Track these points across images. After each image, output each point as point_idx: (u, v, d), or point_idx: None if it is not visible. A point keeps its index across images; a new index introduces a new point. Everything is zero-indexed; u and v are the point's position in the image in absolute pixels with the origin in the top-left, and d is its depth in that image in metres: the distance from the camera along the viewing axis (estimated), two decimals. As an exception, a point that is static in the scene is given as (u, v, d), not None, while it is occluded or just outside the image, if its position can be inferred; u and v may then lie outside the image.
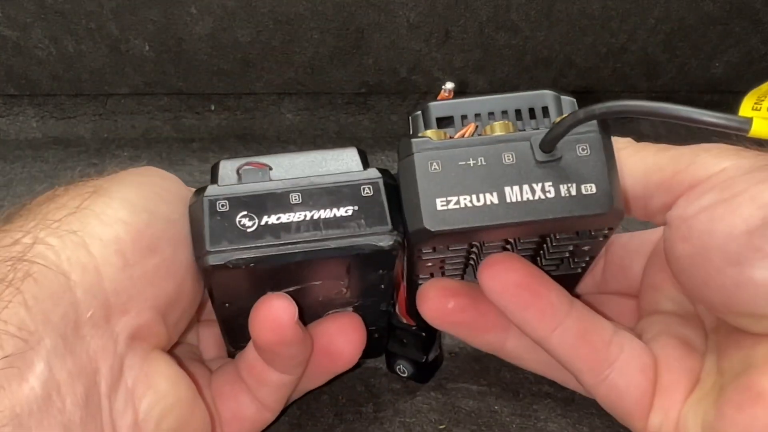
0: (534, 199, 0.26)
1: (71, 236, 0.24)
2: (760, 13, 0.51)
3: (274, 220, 0.27)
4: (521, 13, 0.50)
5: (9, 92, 0.54)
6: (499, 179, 0.26)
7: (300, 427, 0.35)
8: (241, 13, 0.50)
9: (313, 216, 0.27)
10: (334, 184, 0.27)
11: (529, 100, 0.29)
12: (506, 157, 0.27)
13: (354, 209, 0.27)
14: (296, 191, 0.27)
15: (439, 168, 0.27)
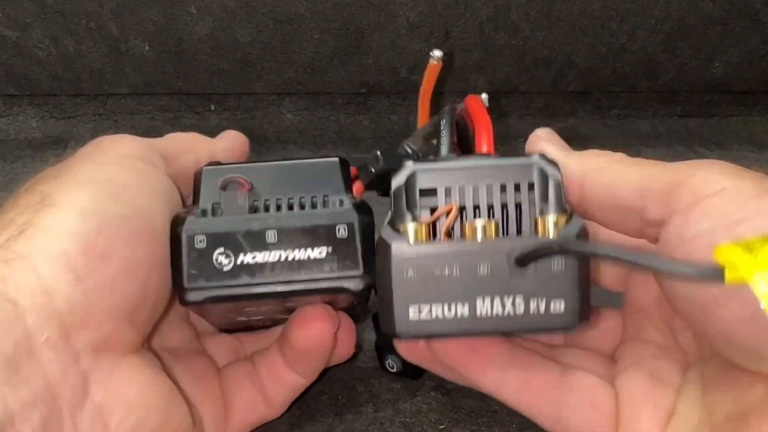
0: (503, 314, 0.27)
1: (18, 260, 0.24)
2: (760, 13, 0.51)
3: (250, 259, 0.27)
4: (521, 13, 0.50)
5: (9, 92, 0.54)
6: (471, 290, 0.27)
7: (300, 427, 0.35)
8: (241, 13, 0.50)
9: (288, 257, 0.28)
10: (310, 225, 0.28)
11: (516, 173, 0.28)
12: (481, 268, 0.27)
13: (328, 251, 0.28)
14: (273, 230, 0.27)
15: (414, 276, 0.27)
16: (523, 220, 0.28)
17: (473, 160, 0.29)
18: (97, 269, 0.25)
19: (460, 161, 0.28)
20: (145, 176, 0.28)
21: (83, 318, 0.24)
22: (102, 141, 0.29)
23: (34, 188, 0.26)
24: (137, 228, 0.26)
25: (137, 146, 0.29)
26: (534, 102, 0.55)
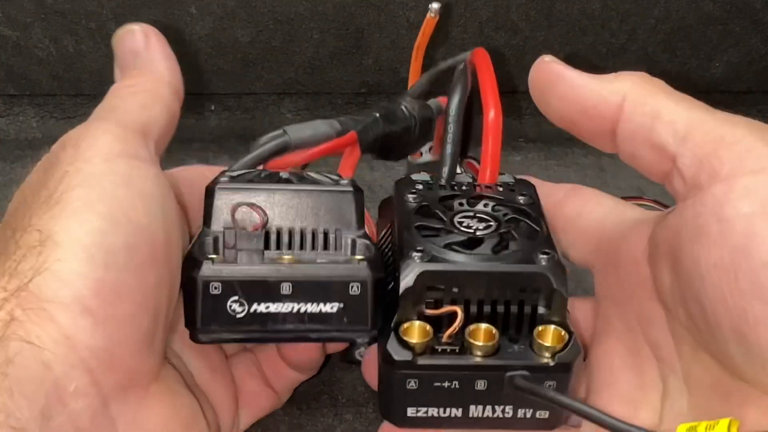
0: (493, 417, 0.29)
1: (36, 311, 0.23)
2: (760, 13, 0.51)
3: (263, 309, 0.28)
4: (521, 13, 0.50)
5: (9, 92, 0.54)
6: (467, 399, 0.29)
7: (300, 427, 0.35)
8: (241, 13, 0.50)
9: (300, 309, 0.28)
10: (325, 280, 0.28)
11: (524, 280, 0.29)
12: (479, 384, 0.29)
13: (339, 306, 0.28)
14: (288, 281, 0.28)
15: (415, 386, 0.29)
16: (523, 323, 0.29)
17: (482, 261, 0.29)
18: (113, 308, 0.24)
19: (469, 262, 0.29)
20: (136, 182, 0.26)
21: (108, 360, 0.24)
22: (77, 142, 0.27)
23: (27, 223, 0.24)
24: (142, 253, 0.25)
25: (117, 141, 0.27)
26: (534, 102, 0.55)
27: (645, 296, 0.29)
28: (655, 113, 0.27)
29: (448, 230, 0.31)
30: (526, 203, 0.33)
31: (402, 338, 0.28)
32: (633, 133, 0.27)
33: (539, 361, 0.28)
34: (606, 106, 0.28)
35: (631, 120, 0.27)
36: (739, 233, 0.24)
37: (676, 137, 0.26)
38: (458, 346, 0.29)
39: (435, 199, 0.33)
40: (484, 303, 0.29)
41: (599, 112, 0.28)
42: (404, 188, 0.34)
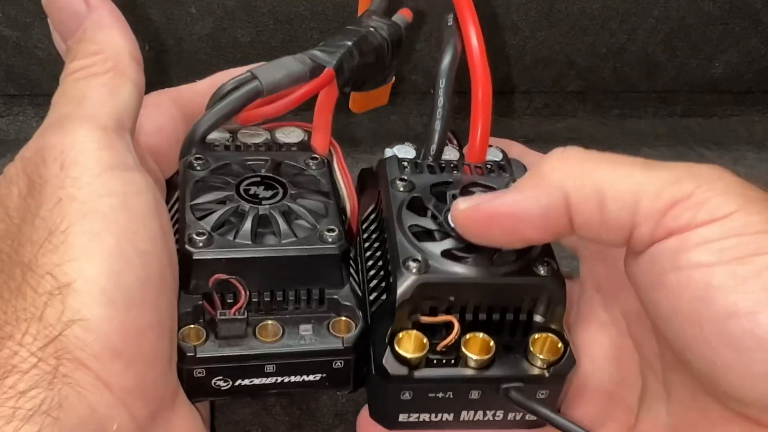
0: (484, 420, 0.30)
1: (72, 362, 0.23)
2: (760, 13, 0.51)
3: (248, 383, 0.28)
4: (521, 13, 0.50)
5: (9, 92, 0.54)
6: (459, 406, 0.29)
7: (300, 427, 0.35)
8: (241, 13, 0.50)
9: (284, 380, 0.29)
10: (308, 359, 0.28)
11: (523, 292, 0.29)
12: (473, 393, 0.29)
13: (323, 376, 0.29)
14: (272, 363, 0.28)
15: (410, 396, 0.29)
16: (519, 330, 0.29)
17: (482, 272, 0.28)
18: (139, 346, 0.24)
19: (469, 273, 0.28)
20: (132, 202, 0.25)
21: (141, 395, 0.24)
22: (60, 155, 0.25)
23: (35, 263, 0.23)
24: (154, 284, 0.25)
25: (102, 150, 0.25)
26: (534, 102, 0.55)
27: (632, 293, 0.28)
28: (599, 195, 0.25)
29: (444, 232, 0.30)
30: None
31: (397, 351, 0.28)
32: (588, 223, 0.26)
33: (534, 372, 0.28)
34: (553, 211, 0.26)
35: (581, 213, 0.26)
36: (698, 283, 0.23)
37: (628, 210, 0.25)
38: (453, 356, 0.28)
39: (426, 187, 0.32)
40: (481, 311, 0.29)
41: (551, 220, 0.26)
42: (391, 171, 0.33)
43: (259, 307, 0.28)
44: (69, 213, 0.24)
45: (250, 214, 0.29)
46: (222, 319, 0.27)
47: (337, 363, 0.28)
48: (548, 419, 0.28)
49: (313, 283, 0.29)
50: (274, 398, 0.36)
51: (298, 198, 0.30)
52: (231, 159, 0.32)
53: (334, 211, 0.30)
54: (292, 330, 0.28)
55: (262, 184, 0.31)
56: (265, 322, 0.28)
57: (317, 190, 0.31)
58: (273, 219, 0.29)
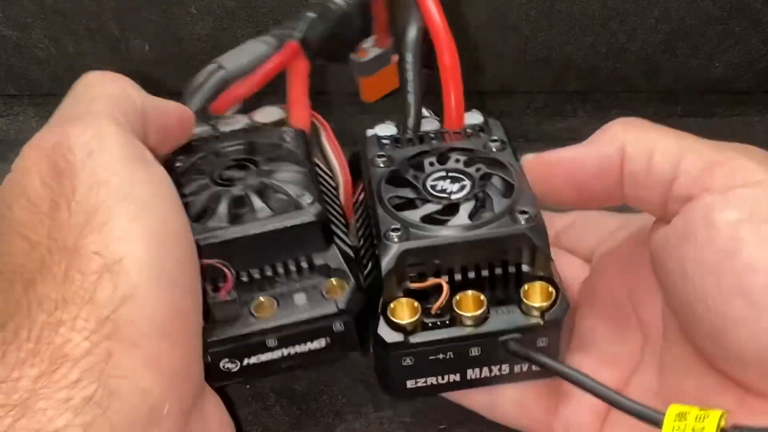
0: (491, 375, 0.30)
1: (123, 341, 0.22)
2: (760, 13, 0.51)
3: (255, 361, 0.28)
4: (521, 13, 0.50)
5: (9, 92, 0.54)
6: (463, 365, 0.29)
7: (300, 427, 0.35)
8: (241, 13, 0.50)
9: (290, 352, 0.29)
10: (306, 327, 0.29)
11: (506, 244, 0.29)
12: (473, 351, 0.29)
13: (327, 341, 0.29)
14: (272, 336, 0.28)
15: (411, 362, 0.29)
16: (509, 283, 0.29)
17: (461, 230, 0.29)
18: (183, 327, 0.24)
19: (449, 233, 0.28)
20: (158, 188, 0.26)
21: (186, 377, 0.24)
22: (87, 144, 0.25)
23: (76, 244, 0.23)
24: (188, 265, 0.26)
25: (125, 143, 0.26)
26: (534, 102, 0.55)
27: (644, 275, 0.30)
28: (650, 149, 0.28)
29: (423, 199, 0.30)
30: (498, 149, 0.32)
31: (391, 320, 0.28)
32: (635, 176, 0.28)
33: (529, 321, 0.28)
34: (609, 160, 0.29)
35: (632, 162, 0.28)
36: (725, 237, 0.25)
37: (671, 164, 0.27)
38: (448, 317, 0.29)
39: (404, 160, 0.32)
40: (468, 270, 0.29)
41: (605, 169, 0.29)
42: (371, 149, 0.33)
43: (251, 285, 0.29)
44: (105, 197, 0.24)
45: (224, 197, 0.29)
46: (214, 303, 0.27)
47: (337, 325, 0.29)
48: (547, 366, 0.28)
49: (297, 252, 0.29)
50: (274, 398, 0.36)
51: (272, 173, 0.31)
52: (208, 150, 0.32)
53: (308, 180, 0.31)
54: (287, 301, 0.29)
55: (236, 167, 0.31)
56: (258, 298, 0.29)
57: (292, 161, 0.32)
58: (247, 198, 0.30)
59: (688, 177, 0.27)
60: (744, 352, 0.25)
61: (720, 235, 0.25)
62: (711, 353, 0.26)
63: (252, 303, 0.29)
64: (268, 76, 0.32)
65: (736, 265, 0.25)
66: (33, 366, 0.21)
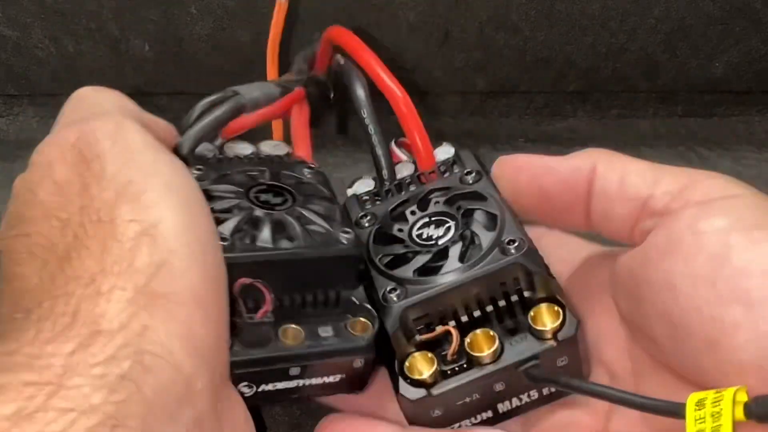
0: (522, 403, 0.30)
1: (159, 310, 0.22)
2: (760, 13, 0.51)
3: (270, 388, 0.28)
4: (521, 13, 0.50)
5: (9, 92, 0.54)
6: (492, 401, 0.29)
7: (300, 427, 0.35)
8: (241, 13, 0.50)
9: (305, 383, 0.29)
10: (333, 359, 0.29)
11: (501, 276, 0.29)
12: (497, 386, 0.29)
13: (342, 377, 0.29)
14: (298, 365, 0.28)
15: (441, 412, 0.29)
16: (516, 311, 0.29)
17: (456, 274, 0.29)
18: (216, 297, 0.24)
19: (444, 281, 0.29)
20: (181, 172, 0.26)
21: (218, 352, 0.24)
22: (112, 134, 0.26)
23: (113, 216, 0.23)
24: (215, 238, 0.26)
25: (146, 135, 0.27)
26: (534, 102, 0.55)
27: (605, 315, 0.31)
28: (623, 169, 0.29)
29: (412, 251, 0.31)
30: (474, 180, 0.33)
31: (410, 377, 0.29)
32: (606, 190, 0.29)
33: (543, 346, 0.28)
34: (579, 171, 0.29)
35: (603, 177, 0.29)
36: (715, 243, 0.25)
37: (647, 183, 0.28)
38: (464, 360, 0.29)
39: (386, 214, 0.33)
40: (473, 309, 0.29)
41: (574, 178, 0.29)
42: (353, 210, 0.34)
43: (280, 312, 0.28)
44: (135, 173, 0.25)
45: (266, 219, 0.29)
46: (251, 323, 0.27)
47: (357, 362, 0.29)
48: (569, 387, 0.28)
49: (329, 284, 0.29)
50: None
51: (307, 204, 0.31)
52: (229, 169, 0.32)
53: (343, 215, 0.31)
54: (312, 332, 0.29)
55: (270, 191, 0.31)
56: (286, 326, 0.28)
57: (321, 196, 0.32)
58: (289, 224, 0.29)
59: (665, 193, 0.27)
60: (743, 359, 0.24)
61: (710, 243, 0.25)
62: (704, 368, 0.26)
63: (279, 329, 0.28)
64: (279, 111, 0.35)
65: (729, 270, 0.24)
66: (68, 341, 0.21)
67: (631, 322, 0.30)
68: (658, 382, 0.28)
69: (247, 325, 0.27)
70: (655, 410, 0.25)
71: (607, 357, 0.31)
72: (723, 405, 0.23)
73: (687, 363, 0.26)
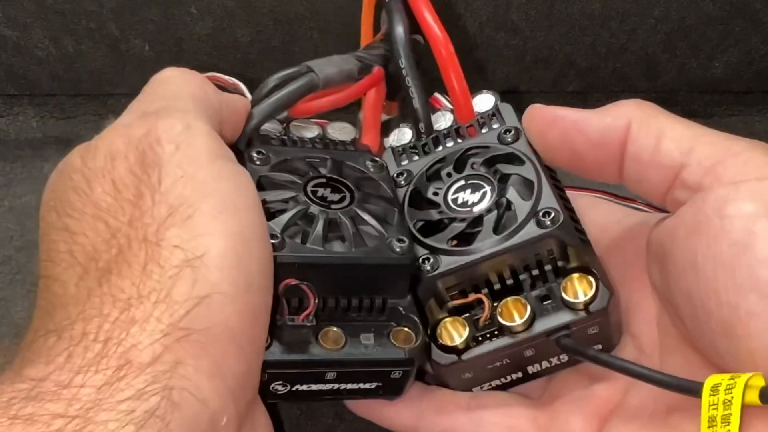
0: (552, 366, 0.30)
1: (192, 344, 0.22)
2: (760, 13, 0.51)
3: (304, 388, 0.28)
4: (521, 13, 0.50)
5: (9, 92, 0.54)
6: (522, 365, 0.30)
7: (300, 427, 0.35)
8: (241, 13, 0.50)
9: (340, 387, 0.28)
10: (370, 369, 0.28)
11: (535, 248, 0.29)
12: (527, 352, 0.29)
13: (378, 385, 0.29)
14: (334, 370, 0.28)
15: (471, 375, 0.29)
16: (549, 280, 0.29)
17: (490, 245, 0.29)
18: (252, 331, 0.24)
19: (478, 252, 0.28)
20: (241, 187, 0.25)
21: (245, 383, 0.24)
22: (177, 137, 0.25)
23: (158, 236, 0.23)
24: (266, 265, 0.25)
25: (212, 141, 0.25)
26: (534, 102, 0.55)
27: (636, 286, 0.30)
28: (659, 132, 0.27)
29: (447, 217, 0.30)
30: (513, 140, 0.31)
31: (441, 343, 0.29)
32: (639, 154, 0.27)
33: (575, 317, 0.28)
34: (612, 131, 0.28)
35: (637, 140, 0.28)
36: (740, 229, 0.24)
37: (682, 150, 0.27)
38: (496, 327, 0.29)
39: (422, 175, 0.32)
40: (505, 278, 0.29)
41: (606, 139, 0.28)
42: (390, 167, 0.33)
43: (323, 314, 0.28)
44: (190, 191, 0.24)
45: (321, 218, 0.28)
46: (291, 325, 0.26)
47: (395, 373, 0.28)
48: (599, 361, 0.28)
49: (378, 291, 0.29)
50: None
51: (364, 203, 0.30)
52: (291, 155, 0.31)
53: (399, 220, 0.30)
54: (353, 338, 0.28)
55: (329, 186, 0.30)
56: (327, 328, 0.28)
57: (380, 195, 0.31)
58: (342, 224, 0.29)
59: (699, 166, 0.26)
60: (755, 348, 0.24)
61: (734, 228, 0.25)
62: (719, 350, 0.26)
63: (320, 331, 0.28)
64: (357, 96, 0.33)
65: (750, 258, 0.24)
66: (98, 372, 0.21)
67: (661, 294, 0.29)
68: (682, 358, 0.28)
69: (287, 326, 0.26)
70: (675, 388, 0.25)
71: (635, 328, 0.30)
72: (734, 393, 0.23)
73: (706, 344, 0.26)
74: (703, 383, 0.24)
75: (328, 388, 0.28)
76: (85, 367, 0.21)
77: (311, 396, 0.28)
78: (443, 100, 0.35)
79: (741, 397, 0.23)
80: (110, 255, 0.23)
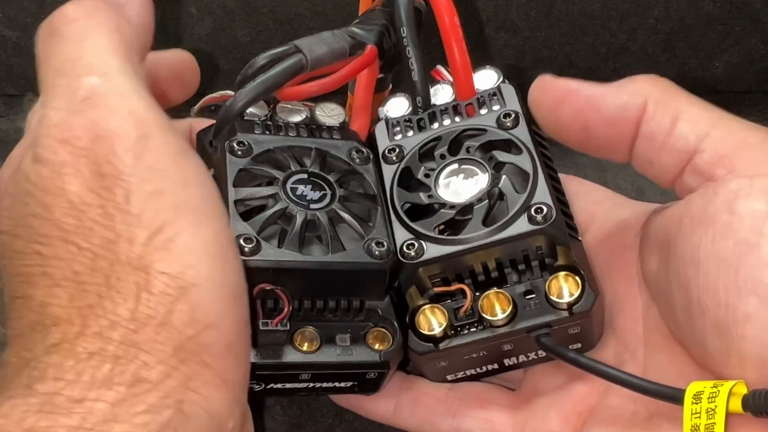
0: (528, 359, 0.30)
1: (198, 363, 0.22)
2: (760, 13, 0.51)
3: (279, 386, 0.28)
4: (521, 13, 0.50)
5: (9, 92, 0.54)
6: (499, 357, 0.29)
7: (300, 427, 0.35)
8: (241, 13, 0.50)
9: (316, 386, 0.28)
10: (345, 371, 0.28)
11: (524, 243, 0.28)
12: (506, 346, 0.29)
13: (354, 384, 0.29)
14: (307, 372, 0.28)
15: (447, 363, 0.29)
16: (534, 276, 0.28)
17: (478, 236, 0.28)
18: (245, 338, 0.24)
19: (465, 243, 0.28)
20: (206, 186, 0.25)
21: (244, 387, 0.24)
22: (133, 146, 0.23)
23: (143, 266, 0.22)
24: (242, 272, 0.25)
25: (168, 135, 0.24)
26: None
27: (624, 280, 0.29)
28: (676, 113, 0.26)
29: (437, 203, 0.29)
30: (512, 125, 0.30)
31: (419, 331, 0.28)
32: (653, 134, 0.26)
33: (557, 315, 0.28)
34: (628, 109, 0.27)
35: (653, 120, 0.26)
36: (748, 228, 0.24)
37: (697, 134, 0.26)
38: (476, 318, 0.28)
39: (414, 153, 0.31)
40: (491, 270, 0.28)
41: (621, 117, 0.27)
42: (383, 139, 0.32)
43: (298, 315, 0.28)
44: (161, 208, 0.23)
45: (299, 219, 0.28)
46: (264, 330, 0.26)
47: (371, 374, 0.28)
48: (576, 364, 0.27)
49: (355, 294, 0.28)
50: (274, 398, 0.36)
51: (346, 202, 0.29)
52: (273, 144, 0.30)
53: (381, 220, 0.29)
54: (330, 338, 0.28)
55: (309, 183, 0.29)
56: (303, 328, 0.28)
57: (363, 193, 0.30)
58: (321, 226, 0.28)
59: (713, 154, 0.25)
60: (747, 352, 0.24)
61: (742, 225, 0.24)
62: (709, 349, 0.25)
63: (295, 332, 0.28)
64: (348, 79, 0.31)
65: (755, 260, 0.23)
66: (110, 389, 0.21)
67: (654, 283, 0.29)
68: (667, 356, 0.28)
69: (263, 331, 0.26)
70: (656, 394, 0.25)
71: (619, 324, 0.30)
72: (718, 402, 0.23)
73: (695, 340, 0.26)
74: (685, 390, 0.24)
75: (303, 387, 0.28)
76: (98, 384, 0.21)
77: (287, 393, 0.28)
78: (445, 73, 0.33)
79: (725, 406, 0.23)
80: (97, 281, 0.22)
